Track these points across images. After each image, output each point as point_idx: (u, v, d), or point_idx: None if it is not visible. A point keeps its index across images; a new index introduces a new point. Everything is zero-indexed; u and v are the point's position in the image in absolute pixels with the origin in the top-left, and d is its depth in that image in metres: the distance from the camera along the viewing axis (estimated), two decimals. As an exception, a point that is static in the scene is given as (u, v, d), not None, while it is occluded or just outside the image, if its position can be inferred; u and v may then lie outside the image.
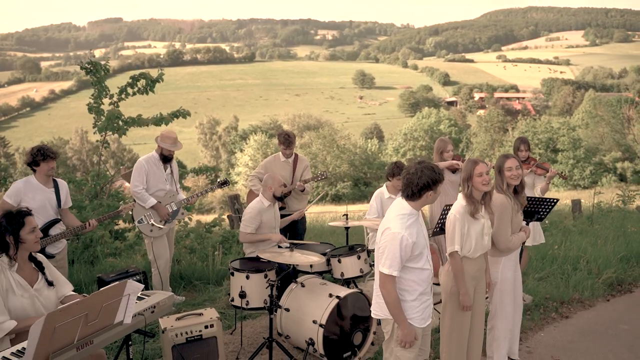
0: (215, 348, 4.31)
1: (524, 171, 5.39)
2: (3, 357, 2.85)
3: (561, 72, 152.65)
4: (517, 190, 4.10)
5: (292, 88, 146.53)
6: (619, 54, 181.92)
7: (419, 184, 3.27)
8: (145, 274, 5.26)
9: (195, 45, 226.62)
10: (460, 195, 3.97)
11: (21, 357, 2.81)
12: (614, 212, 10.84)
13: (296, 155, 6.28)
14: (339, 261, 4.73)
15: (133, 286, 3.04)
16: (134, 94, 8.08)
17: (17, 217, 3.24)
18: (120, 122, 7.69)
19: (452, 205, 4.01)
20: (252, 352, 4.51)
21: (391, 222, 3.29)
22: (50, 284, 3.45)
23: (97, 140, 7.98)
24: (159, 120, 8.03)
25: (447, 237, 3.83)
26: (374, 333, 4.58)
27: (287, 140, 6.11)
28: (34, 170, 4.68)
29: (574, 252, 7.29)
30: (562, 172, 6.68)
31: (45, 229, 4.66)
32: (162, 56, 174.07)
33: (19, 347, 2.96)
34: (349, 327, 4.39)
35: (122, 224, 8.04)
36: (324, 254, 4.74)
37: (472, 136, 62.64)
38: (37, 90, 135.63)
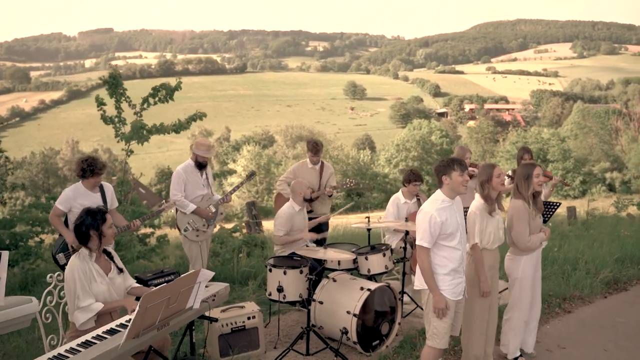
0: (257, 337, 4.76)
1: None
2: (111, 327, 3.26)
3: (550, 84, 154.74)
4: (535, 196, 4.59)
5: (284, 99, 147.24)
6: (605, 66, 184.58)
7: (436, 172, 3.98)
8: (179, 274, 5.66)
9: (186, 56, 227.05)
10: (477, 196, 4.45)
11: (121, 331, 3.21)
12: (607, 219, 11.40)
13: (322, 162, 6.73)
14: (366, 259, 5.18)
15: (205, 274, 3.48)
16: (155, 103, 8.51)
17: (99, 214, 3.67)
18: (145, 132, 8.11)
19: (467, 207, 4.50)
20: (287, 342, 4.95)
21: (425, 205, 3.96)
22: (120, 270, 3.88)
23: (122, 149, 8.38)
24: (178, 127, 8.48)
25: (468, 232, 4.31)
26: (399, 324, 5.04)
27: (315, 147, 6.55)
28: (80, 179, 5.07)
29: (572, 254, 7.79)
30: (564, 179, 7.22)
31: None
32: (153, 67, 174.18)
33: (122, 320, 3.38)
34: (378, 317, 4.84)
35: (143, 230, 8.45)
36: (353, 252, 5.19)
37: (463, 147, 63.29)
38: (27, 100, 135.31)
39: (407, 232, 5.72)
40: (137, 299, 4.15)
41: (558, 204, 5.35)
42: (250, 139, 67.49)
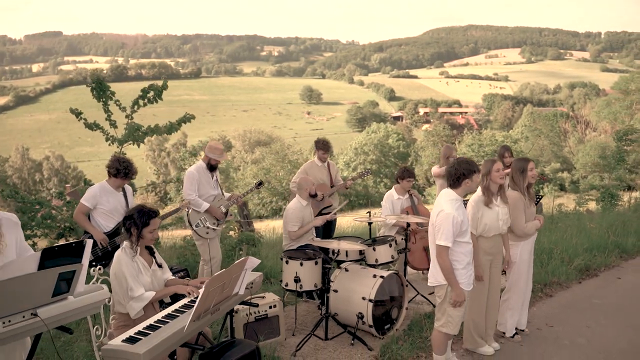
0: (277, 325, 5.08)
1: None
2: (169, 313, 3.52)
3: (501, 88, 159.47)
4: (529, 187, 5.08)
5: (239, 104, 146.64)
6: (552, 71, 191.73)
7: (456, 174, 4.21)
8: (188, 271, 5.91)
9: (139, 61, 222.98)
10: (479, 188, 4.89)
11: (178, 315, 3.47)
12: (570, 214, 12.19)
13: (327, 160, 7.13)
14: (374, 249, 5.57)
15: (252, 261, 3.78)
16: (145, 104, 8.69)
17: (146, 216, 3.90)
18: (140, 133, 8.30)
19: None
20: (304, 329, 5.29)
21: (444, 206, 4.16)
22: (159, 265, 4.13)
23: (115, 152, 8.49)
24: (170, 129, 8.70)
25: None
26: (406, 309, 5.45)
27: (325, 146, 6.99)
28: (110, 176, 5.28)
29: (547, 245, 8.41)
30: (543, 174, 7.82)
31: (119, 228, 5.28)
32: (105, 71, 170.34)
33: (177, 305, 3.63)
34: (389, 302, 5.24)
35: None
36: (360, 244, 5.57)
37: (420, 150, 64.71)
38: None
39: (408, 224, 6.15)
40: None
41: (541, 196, 5.88)
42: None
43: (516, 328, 5.43)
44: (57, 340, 4.80)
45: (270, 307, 5.01)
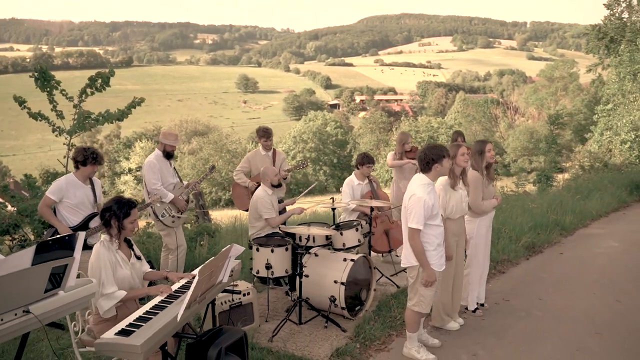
0: (252, 312, 5.14)
1: None
2: (162, 299, 3.52)
3: (434, 75, 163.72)
4: (488, 167, 5.35)
5: (174, 93, 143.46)
6: (482, 59, 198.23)
7: (426, 159, 4.39)
8: (152, 264, 5.85)
9: (65, 49, 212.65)
10: None
11: (166, 306, 3.47)
12: (513, 196, 12.81)
13: (274, 149, 7.13)
14: (341, 234, 5.71)
15: (236, 249, 3.82)
16: (92, 93, 8.47)
17: (126, 206, 3.85)
18: (92, 120, 8.12)
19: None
20: (276, 316, 5.38)
21: (416, 190, 4.33)
22: (138, 258, 4.10)
23: (64, 144, 8.21)
24: (121, 115, 8.53)
25: None
26: (375, 290, 5.63)
27: (266, 133, 6.94)
28: (77, 168, 5.12)
29: (495, 225, 8.80)
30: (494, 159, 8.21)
31: (86, 222, 5.15)
32: (28, 60, 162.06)
33: (162, 297, 3.62)
34: (359, 285, 5.40)
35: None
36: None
37: (358, 137, 65.57)
38: None
39: (372, 209, 6.33)
40: (151, 283, 4.40)
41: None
42: (142, 135, 65.10)
43: (477, 303, 5.73)
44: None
45: (244, 295, 5.06)
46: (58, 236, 3.64)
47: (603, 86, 25.90)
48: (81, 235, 3.01)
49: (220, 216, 13.85)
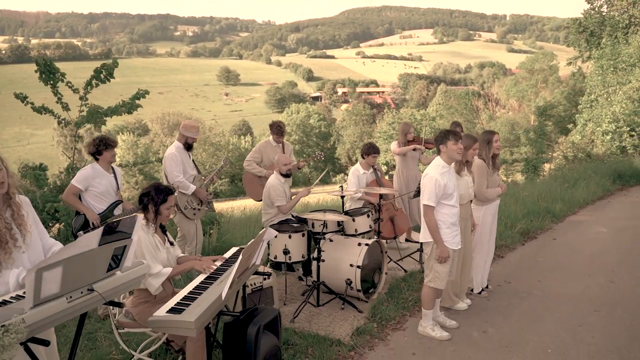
0: (272, 295, 5.38)
1: None
2: (202, 281, 3.75)
3: (415, 68, 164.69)
4: (494, 157, 5.66)
5: (154, 86, 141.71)
6: (463, 52, 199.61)
7: (435, 143, 4.80)
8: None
9: (42, 41, 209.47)
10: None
11: (208, 286, 3.71)
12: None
13: (283, 141, 7.39)
14: (353, 220, 5.99)
15: (270, 232, 4.06)
16: (97, 85, 8.59)
17: (164, 193, 4.06)
18: (101, 115, 8.26)
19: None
20: (294, 299, 5.64)
21: (430, 170, 4.70)
22: (171, 243, 4.33)
23: (71, 136, 8.35)
24: (130, 108, 8.67)
25: None
26: (386, 273, 5.92)
27: (279, 130, 7.24)
28: (97, 159, 5.31)
29: (492, 213, 9.21)
30: None
31: (111, 210, 5.35)
32: (3, 52, 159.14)
33: (202, 277, 3.86)
34: (371, 268, 5.69)
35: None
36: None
37: (341, 129, 65.87)
38: None
39: (381, 196, 6.62)
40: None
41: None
42: (124, 128, 64.58)
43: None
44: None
45: (265, 279, 5.31)
46: (121, 217, 3.84)
47: (584, 79, 26.49)
48: (139, 217, 3.22)
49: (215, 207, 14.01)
